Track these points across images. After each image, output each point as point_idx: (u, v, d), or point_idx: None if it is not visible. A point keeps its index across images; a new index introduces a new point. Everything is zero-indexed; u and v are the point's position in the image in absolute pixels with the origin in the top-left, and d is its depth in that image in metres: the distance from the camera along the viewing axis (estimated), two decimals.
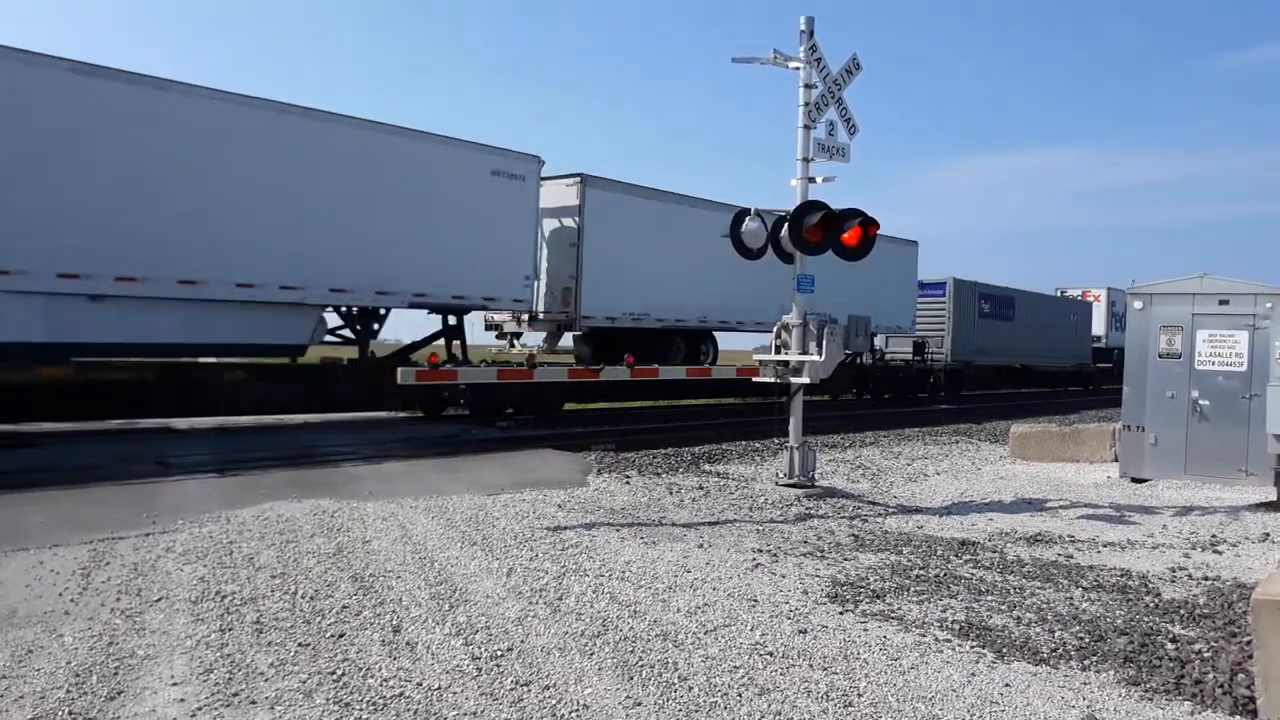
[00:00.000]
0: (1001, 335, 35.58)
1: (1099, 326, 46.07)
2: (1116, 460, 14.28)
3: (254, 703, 4.71)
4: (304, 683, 4.97)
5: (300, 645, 5.53)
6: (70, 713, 4.54)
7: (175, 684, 4.91)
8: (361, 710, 4.65)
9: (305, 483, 11.14)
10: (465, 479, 11.78)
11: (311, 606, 6.27)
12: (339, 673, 5.12)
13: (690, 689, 5.01)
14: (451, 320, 19.77)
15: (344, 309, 18.00)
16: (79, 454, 13.07)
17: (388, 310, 18.50)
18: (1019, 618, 6.44)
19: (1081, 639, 6.00)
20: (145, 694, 4.79)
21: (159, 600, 6.33)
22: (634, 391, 23.78)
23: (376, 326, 18.71)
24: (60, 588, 6.57)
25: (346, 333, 18.50)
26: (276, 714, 4.59)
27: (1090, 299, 46.17)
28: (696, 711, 4.75)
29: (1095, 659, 5.63)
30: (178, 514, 9.08)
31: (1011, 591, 7.15)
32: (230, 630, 5.76)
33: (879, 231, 11.53)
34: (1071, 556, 8.50)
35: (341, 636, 5.70)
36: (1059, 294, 45.60)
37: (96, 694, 4.77)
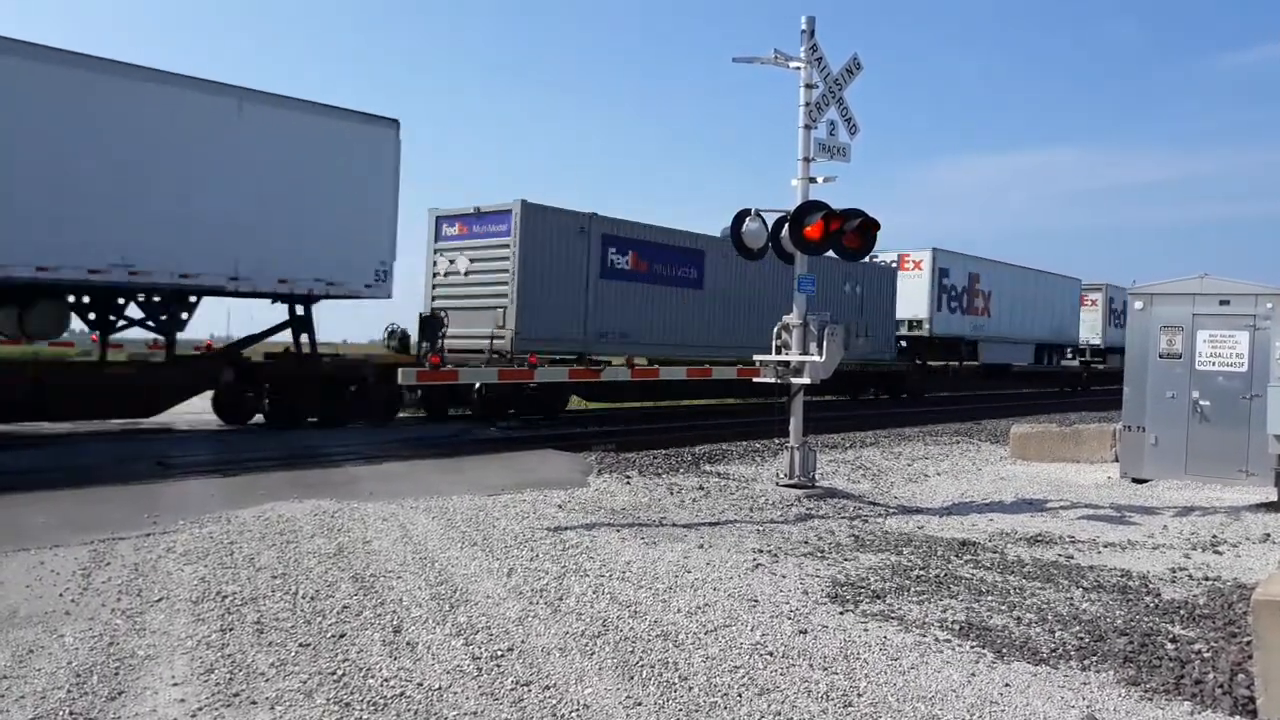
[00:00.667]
0: (668, 312, 21.90)
1: (915, 306, 31.57)
2: (1117, 461, 14.28)
3: (254, 703, 4.71)
4: (304, 683, 4.97)
5: (301, 645, 5.53)
6: (71, 713, 4.55)
7: (176, 684, 4.91)
8: (362, 710, 4.66)
9: (305, 483, 11.15)
10: (466, 479, 11.79)
11: (312, 607, 6.27)
12: (339, 673, 5.12)
13: (690, 689, 5.02)
14: None
15: None
16: (80, 454, 13.08)
17: None
18: (1019, 618, 6.44)
19: (1081, 639, 6.00)
20: (146, 694, 4.79)
21: (160, 600, 6.33)
22: None
23: None
24: (61, 588, 6.58)
25: None
26: (277, 714, 4.59)
27: (909, 267, 31.87)
28: (697, 711, 4.75)
29: (1095, 659, 5.63)
30: (178, 514, 9.08)
31: (1012, 592, 7.16)
32: (231, 630, 5.76)
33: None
34: (1072, 557, 8.50)
35: (342, 637, 5.71)
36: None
37: (97, 694, 4.77)
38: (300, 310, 17.85)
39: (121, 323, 16.31)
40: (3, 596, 6.36)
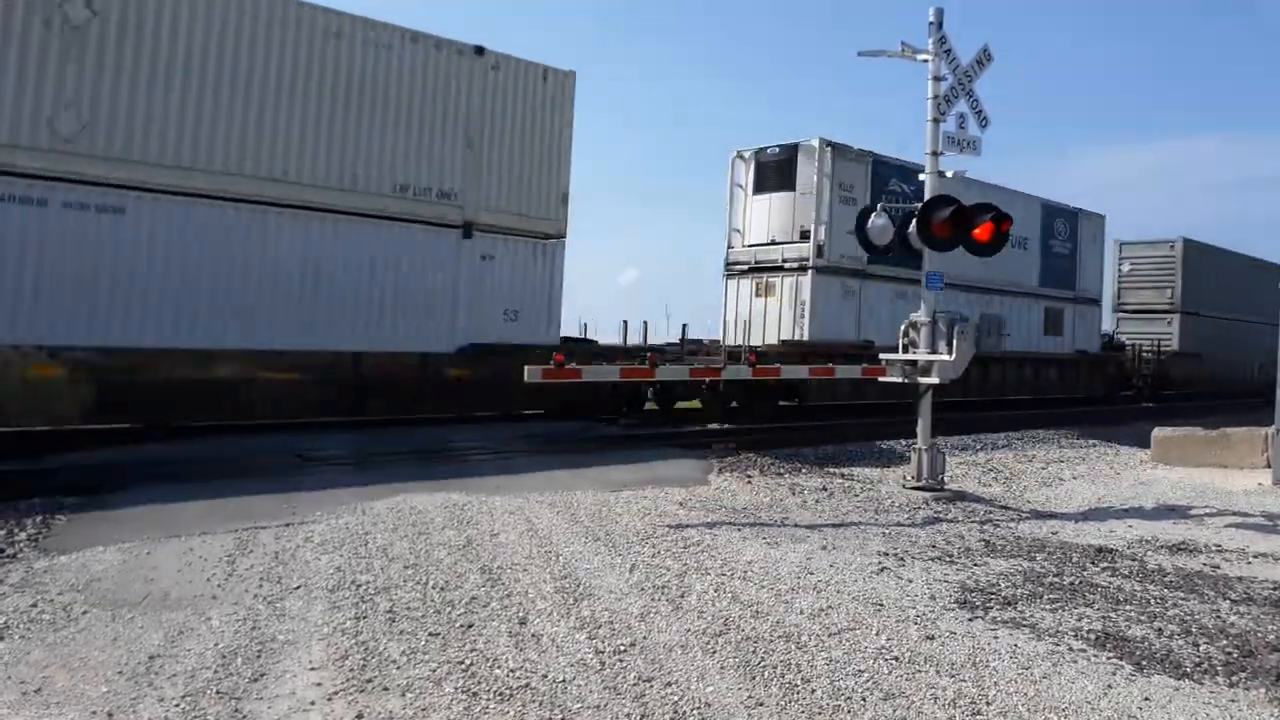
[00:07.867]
0: None
1: None
2: (1269, 466, 13.52)
3: (386, 689, 4.87)
4: (434, 671, 5.12)
5: (431, 634, 5.70)
6: (218, 692, 4.79)
7: (313, 669, 5.12)
8: (489, 700, 4.76)
9: (436, 476, 11.44)
10: (589, 475, 11.92)
11: (442, 597, 6.45)
12: (467, 662, 5.25)
13: (813, 691, 4.97)
14: None
15: None
16: (228, 446, 13.71)
17: None
18: (1160, 629, 6.17)
19: (1229, 654, 5.71)
20: (286, 677, 5.01)
21: (298, 588, 6.60)
22: None
23: None
24: (208, 573, 6.92)
25: None
26: (407, 701, 4.74)
27: None
28: (819, 714, 4.70)
29: (1245, 675, 5.35)
30: (316, 505, 9.44)
31: (1152, 601, 6.85)
32: (364, 618, 5.97)
33: None
34: (1218, 567, 8.09)
35: (470, 627, 5.85)
36: None
37: (241, 675, 5.01)
38: None
39: None
40: (156, 580, 6.74)
